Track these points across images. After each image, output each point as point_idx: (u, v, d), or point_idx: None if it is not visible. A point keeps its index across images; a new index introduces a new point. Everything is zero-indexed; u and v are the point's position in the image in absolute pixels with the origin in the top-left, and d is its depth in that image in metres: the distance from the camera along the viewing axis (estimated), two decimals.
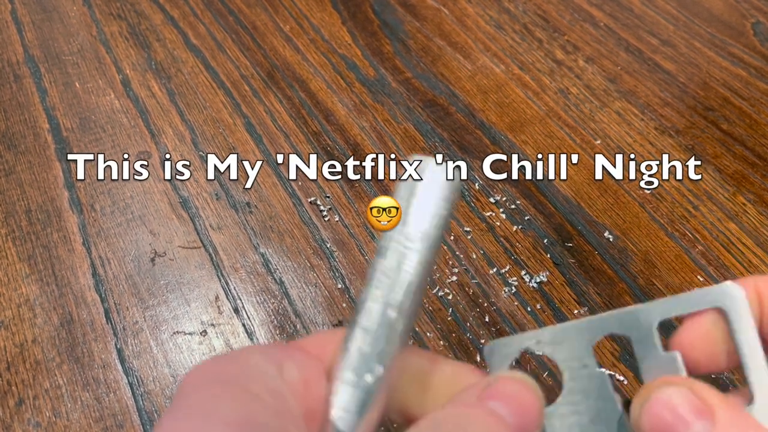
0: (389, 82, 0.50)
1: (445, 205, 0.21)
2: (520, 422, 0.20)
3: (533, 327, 0.35)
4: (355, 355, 0.20)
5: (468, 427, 0.19)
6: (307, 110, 0.48)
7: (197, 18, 0.55)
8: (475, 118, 0.48)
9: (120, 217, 0.40)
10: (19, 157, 0.43)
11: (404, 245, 0.21)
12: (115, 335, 0.35)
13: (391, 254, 0.21)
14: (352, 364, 0.20)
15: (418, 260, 0.21)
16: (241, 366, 0.19)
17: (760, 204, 0.42)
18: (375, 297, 0.21)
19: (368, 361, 0.20)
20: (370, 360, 0.20)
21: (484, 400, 0.20)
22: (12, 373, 0.33)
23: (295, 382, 0.19)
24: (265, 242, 0.39)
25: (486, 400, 0.20)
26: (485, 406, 0.20)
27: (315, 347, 0.21)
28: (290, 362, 0.20)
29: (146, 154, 0.44)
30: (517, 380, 0.21)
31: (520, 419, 0.20)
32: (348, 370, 0.20)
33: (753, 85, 0.50)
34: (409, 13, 0.57)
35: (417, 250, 0.21)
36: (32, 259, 0.38)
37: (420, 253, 0.21)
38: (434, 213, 0.21)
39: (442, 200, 0.21)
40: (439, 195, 0.21)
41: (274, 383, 0.18)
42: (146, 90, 0.49)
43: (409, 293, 0.21)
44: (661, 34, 0.55)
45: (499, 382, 0.21)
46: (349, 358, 0.20)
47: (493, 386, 0.21)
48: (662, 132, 0.47)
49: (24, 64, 0.50)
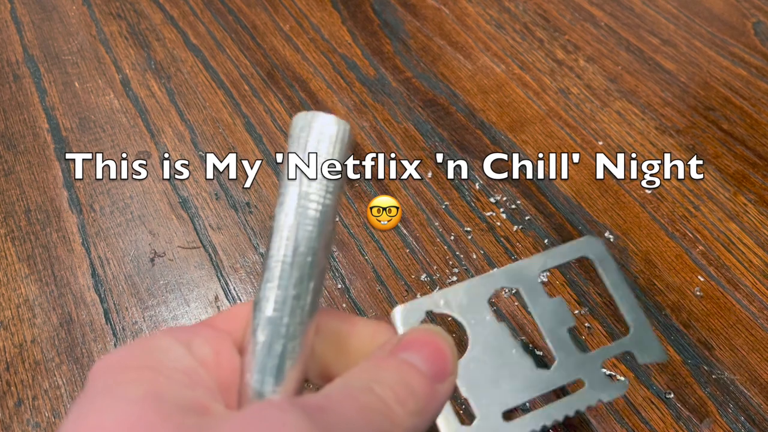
0: (389, 81, 0.50)
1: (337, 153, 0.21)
2: (433, 369, 0.21)
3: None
4: (265, 319, 0.20)
5: (381, 378, 0.19)
6: (307, 110, 0.48)
7: (197, 17, 0.55)
8: (475, 118, 0.47)
9: (119, 217, 0.40)
10: (18, 157, 0.43)
11: (302, 200, 0.21)
12: (115, 335, 0.35)
13: (289, 210, 0.21)
14: (262, 327, 0.20)
15: (317, 214, 0.21)
16: (147, 349, 0.19)
17: (761, 204, 0.42)
18: (278, 257, 0.20)
19: (277, 324, 0.20)
20: (278, 322, 0.20)
21: (396, 353, 0.21)
22: (11, 373, 0.33)
23: (206, 356, 0.19)
24: (265, 242, 0.39)
25: (398, 352, 0.21)
26: (397, 357, 0.21)
27: (225, 323, 0.22)
28: (199, 339, 0.20)
29: (146, 154, 0.44)
30: (427, 331, 0.22)
31: (432, 366, 0.21)
32: (259, 334, 0.20)
33: (754, 85, 0.50)
34: (409, 13, 0.56)
35: (315, 203, 0.21)
36: (31, 260, 0.38)
37: (318, 206, 0.21)
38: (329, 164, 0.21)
39: (333, 148, 0.21)
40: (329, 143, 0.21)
41: (184, 360, 0.19)
42: (146, 90, 0.48)
43: (311, 249, 0.21)
44: (661, 34, 0.54)
45: (409, 335, 0.22)
46: (259, 323, 0.20)
47: (404, 339, 0.21)
48: (663, 132, 0.47)
49: (23, 63, 0.50)
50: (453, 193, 0.42)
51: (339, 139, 0.21)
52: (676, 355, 0.35)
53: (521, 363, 0.24)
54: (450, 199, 0.42)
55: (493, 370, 0.23)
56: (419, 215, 0.41)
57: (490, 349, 0.24)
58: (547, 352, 0.25)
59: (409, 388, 0.20)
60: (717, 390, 0.33)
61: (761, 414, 0.32)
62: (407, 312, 0.24)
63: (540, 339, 0.25)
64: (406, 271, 0.38)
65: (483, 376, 0.23)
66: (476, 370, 0.23)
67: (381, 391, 0.19)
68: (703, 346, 0.35)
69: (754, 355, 0.35)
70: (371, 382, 0.19)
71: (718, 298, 0.37)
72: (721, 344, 0.35)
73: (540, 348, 0.34)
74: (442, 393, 0.21)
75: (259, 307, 0.20)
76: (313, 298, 0.21)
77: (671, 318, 0.36)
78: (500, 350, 0.24)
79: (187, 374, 0.18)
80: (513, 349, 0.24)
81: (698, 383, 0.34)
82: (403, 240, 0.40)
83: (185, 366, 0.19)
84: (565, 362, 0.24)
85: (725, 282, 0.38)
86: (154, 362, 0.18)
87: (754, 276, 0.38)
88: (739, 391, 0.33)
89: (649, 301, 0.37)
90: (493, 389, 0.23)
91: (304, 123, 0.21)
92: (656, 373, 0.34)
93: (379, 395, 0.19)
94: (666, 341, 0.35)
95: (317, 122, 0.21)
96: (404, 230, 0.40)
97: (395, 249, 0.39)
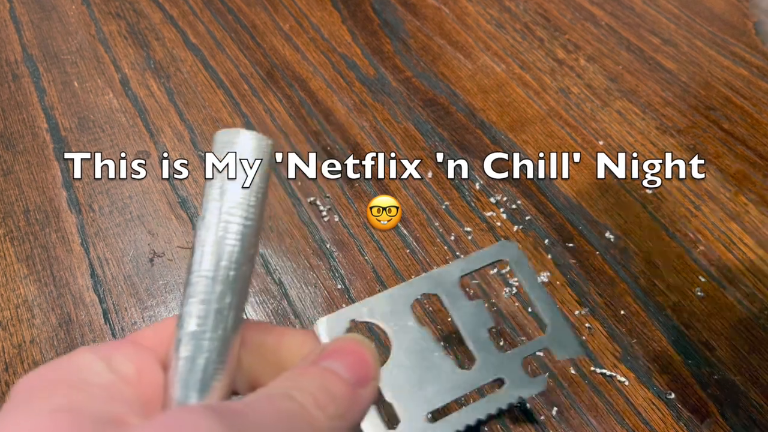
0: (389, 81, 0.50)
1: (258, 169, 0.22)
2: (355, 375, 0.21)
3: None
4: (187, 334, 0.20)
5: (301, 385, 0.20)
6: (306, 109, 0.48)
7: (196, 17, 0.55)
8: (475, 118, 0.47)
9: (119, 217, 0.40)
10: (17, 157, 0.43)
11: (224, 215, 0.21)
12: (114, 336, 0.34)
13: (211, 225, 0.21)
14: (185, 342, 0.20)
15: (240, 228, 0.21)
16: (67, 366, 0.19)
17: (762, 204, 0.42)
18: (200, 272, 0.21)
19: (200, 338, 0.20)
20: (201, 336, 0.20)
21: (317, 362, 0.21)
22: (10, 374, 0.33)
23: (127, 372, 0.20)
24: (265, 242, 0.39)
25: (320, 361, 0.21)
26: (318, 366, 0.21)
27: (148, 338, 0.22)
28: (120, 355, 0.20)
29: (145, 154, 0.44)
30: (348, 339, 0.23)
31: (354, 373, 0.21)
32: (182, 349, 0.20)
33: (755, 85, 0.50)
34: (409, 12, 0.56)
35: (237, 217, 0.21)
36: (30, 260, 0.38)
37: (240, 221, 0.21)
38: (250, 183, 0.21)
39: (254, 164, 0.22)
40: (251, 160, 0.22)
41: (103, 376, 0.19)
42: (145, 89, 0.48)
43: (234, 264, 0.21)
44: (662, 34, 0.54)
45: (331, 344, 0.22)
46: (182, 338, 0.20)
47: (326, 349, 0.22)
48: (663, 131, 0.46)
49: (22, 63, 0.50)
50: (453, 193, 0.42)
51: (260, 155, 0.22)
52: (677, 355, 0.35)
53: (443, 365, 0.25)
54: (450, 199, 0.42)
55: (417, 374, 0.24)
56: (419, 215, 0.41)
57: (413, 353, 0.25)
58: (469, 354, 0.26)
59: (329, 394, 0.20)
60: (718, 391, 0.33)
61: (762, 415, 0.32)
62: (331, 323, 0.24)
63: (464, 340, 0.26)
64: (406, 272, 0.38)
65: (407, 380, 0.24)
66: (400, 375, 0.24)
67: (300, 397, 0.19)
68: (704, 347, 0.35)
69: (755, 356, 0.34)
70: (291, 389, 0.20)
71: (719, 299, 0.37)
72: (722, 345, 0.35)
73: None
74: (364, 398, 0.22)
75: (181, 322, 0.21)
76: (236, 312, 0.21)
77: (672, 318, 0.36)
78: (423, 354, 0.25)
79: (105, 389, 0.19)
80: (435, 352, 0.25)
81: (699, 384, 0.33)
82: (403, 240, 0.39)
83: (104, 381, 0.19)
84: (486, 362, 0.25)
85: (726, 282, 0.38)
86: (73, 378, 0.19)
87: (755, 276, 0.38)
88: (740, 391, 0.33)
89: (650, 302, 0.37)
90: (417, 392, 0.24)
91: (227, 139, 0.22)
92: (657, 373, 0.34)
93: (299, 401, 0.19)
94: (667, 342, 0.35)
95: (239, 139, 0.22)
96: (404, 230, 0.40)
97: (395, 249, 0.39)
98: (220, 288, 0.21)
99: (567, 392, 0.33)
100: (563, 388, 0.33)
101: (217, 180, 0.21)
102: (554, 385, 0.33)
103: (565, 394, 0.33)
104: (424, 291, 0.26)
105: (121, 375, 0.20)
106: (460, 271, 0.27)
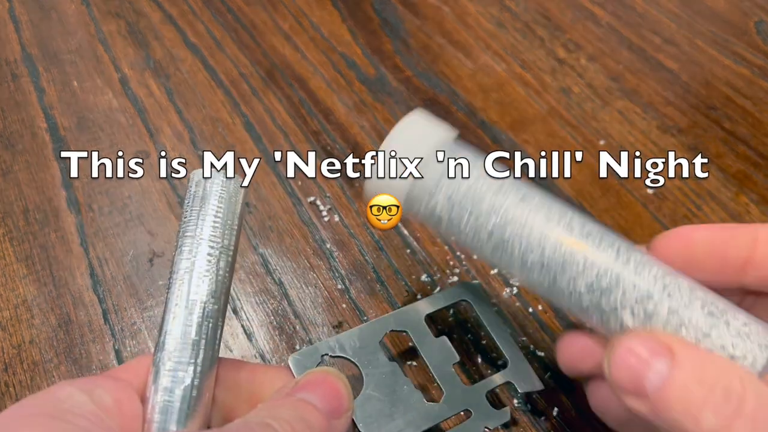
0: (389, 80, 0.50)
1: (231, 209, 0.23)
2: (328, 406, 0.22)
3: (534, 328, 0.35)
4: (165, 366, 0.22)
5: (278, 414, 0.20)
6: (306, 109, 0.47)
7: (196, 16, 0.55)
8: (476, 117, 0.47)
9: (118, 217, 0.40)
10: (16, 157, 0.43)
11: (198, 251, 0.22)
12: (113, 336, 0.34)
13: (187, 262, 0.22)
14: (163, 374, 0.21)
15: (211, 267, 0.22)
16: (48, 399, 0.20)
17: (763, 204, 0.42)
18: (177, 304, 0.22)
19: (177, 370, 0.21)
20: (178, 368, 0.21)
21: (292, 394, 0.22)
22: (9, 374, 0.33)
23: (107, 404, 0.20)
24: (264, 242, 0.39)
25: (295, 393, 0.22)
26: (294, 397, 0.22)
27: (126, 373, 0.23)
28: (100, 389, 0.21)
29: (144, 153, 0.44)
30: (321, 372, 0.24)
31: (328, 404, 0.22)
32: (160, 380, 0.21)
33: (756, 84, 0.50)
34: (409, 11, 0.56)
35: (209, 256, 0.22)
36: (30, 260, 0.37)
37: (212, 259, 0.22)
38: (223, 219, 0.23)
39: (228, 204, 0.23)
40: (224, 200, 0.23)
41: (85, 407, 0.20)
42: (144, 89, 0.48)
43: (209, 299, 0.22)
44: (663, 33, 0.54)
45: (305, 377, 0.23)
46: (159, 370, 0.22)
47: (300, 381, 0.23)
48: (664, 131, 0.46)
49: (21, 62, 0.50)
50: None
51: (233, 195, 0.23)
52: None
53: (412, 398, 0.26)
54: None
55: (387, 406, 0.26)
56: None
57: (383, 386, 0.26)
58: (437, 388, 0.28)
59: (305, 423, 0.21)
60: None
61: None
62: (303, 358, 0.26)
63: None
64: (406, 272, 0.38)
65: (378, 411, 0.25)
66: (371, 407, 0.25)
67: (278, 426, 0.20)
68: None
69: None
70: (268, 418, 0.20)
71: None
72: None
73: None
74: (338, 428, 0.22)
75: (159, 355, 0.22)
76: (213, 344, 0.22)
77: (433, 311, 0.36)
78: (392, 387, 0.26)
79: (87, 419, 0.19)
80: (405, 385, 0.26)
81: None
82: (404, 240, 0.39)
83: (86, 411, 0.20)
84: (452, 395, 0.27)
85: None
86: (54, 410, 0.19)
87: None
88: None
89: None
90: (388, 423, 0.25)
91: (199, 179, 0.23)
92: None
93: (276, 428, 0.20)
94: None
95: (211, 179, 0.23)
96: (404, 230, 0.40)
97: (395, 249, 0.39)
98: (197, 320, 0.22)
99: (568, 393, 0.33)
100: (564, 390, 0.33)
101: (193, 216, 0.23)
102: (556, 386, 0.33)
103: (566, 395, 0.33)
104: (393, 328, 0.28)
105: (102, 406, 0.20)
106: (425, 311, 0.29)
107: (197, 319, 0.22)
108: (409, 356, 0.33)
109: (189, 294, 0.22)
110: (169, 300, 0.22)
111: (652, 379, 0.20)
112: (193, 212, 0.23)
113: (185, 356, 0.21)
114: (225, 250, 0.23)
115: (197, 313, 0.22)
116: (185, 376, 0.21)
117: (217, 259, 0.22)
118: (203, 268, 0.22)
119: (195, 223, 0.23)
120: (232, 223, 0.23)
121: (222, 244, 0.23)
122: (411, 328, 0.28)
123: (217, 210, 0.23)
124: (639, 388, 0.20)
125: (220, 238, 0.23)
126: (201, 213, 0.23)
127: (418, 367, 0.33)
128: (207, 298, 0.22)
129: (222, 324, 0.23)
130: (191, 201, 0.23)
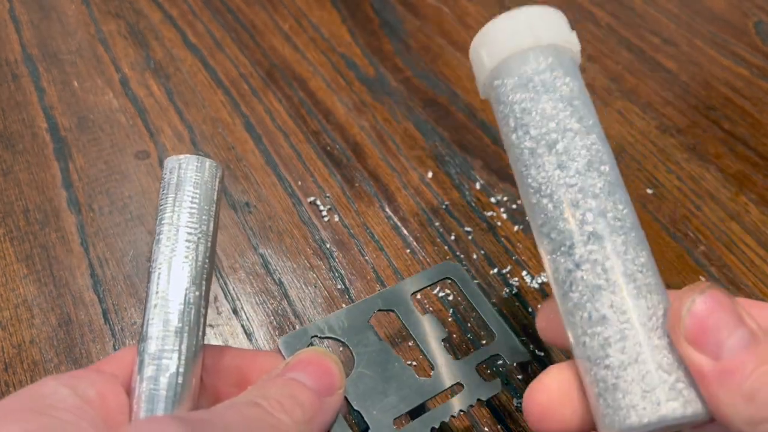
0: (389, 81, 0.50)
1: (207, 194, 0.23)
2: (319, 384, 0.22)
3: (535, 328, 0.35)
4: (149, 355, 0.22)
5: (267, 393, 0.21)
6: (306, 109, 0.47)
7: (196, 16, 0.55)
8: (476, 117, 0.47)
9: (118, 217, 0.40)
10: (17, 157, 0.43)
11: (177, 238, 0.22)
12: (113, 336, 0.34)
13: (166, 250, 0.22)
14: (147, 363, 0.21)
15: (191, 253, 0.22)
16: (31, 395, 0.20)
17: (763, 204, 0.42)
18: (158, 293, 0.22)
19: (161, 358, 0.21)
20: (161, 356, 0.21)
21: (283, 374, 0.22)
22: (9, 374, 0.33)
23: (91, 397, 0.21)
24: (264, 242, 0.39)
25: (285, 373, 0.22)
26: (284, 376, 0.22)
27: (111, 366, 0.23)
28: (83, 382, 0.21)
29: (144, 154, 0.44)
30: (311, 351, 0.24)
31: (319, 381, 0.22)
32: (145, 369, 0.22)
33: (755, 85, 0.50)
34: (409, 12, 0.56)
35: (189, 242, 0.22)
36: (30, 260, 0.37)
37: (192, 245, 0.22)
38: (200, 205, 0.23)
39: (204, 189, 0.23)
40: (200, 186, 0.23)
41: (68, 400, 0.20)
42: (145, 89, 0.48)
43: (189, 287, 0.22)
44: (662, 33, 0.54)
45: (295, 357, 0.23)
46: (144, 359, 0.22)
47: (290, 361, 0.23)
48: (664, 131, 0.46)
49: (22, 62, 0.50)
50: (453, 192, 0.42)
51: (209, 180, 0.23)
52: None
53: (404, 375, 0.26)
54: (450, 199, 0.42)
55: (380, 383, 0.26)
56: (419, 215, 0.41)
57: (375, 365, 0.26)
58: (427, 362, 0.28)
59: (295, 400, 0.21)
60: None
61: None
62: (292, 340, 0.26)
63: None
64: (406, 272, 0.38)
65: (371, 389, 0.26)
66: (364, 384, 0.26)
67: (266, 403, 0.20)
68: None
69: None
70: (257, 398, 0.20)
71: None
72: None
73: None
74: (330, 405, 0.22)
75: (143, 345, 0.22)
76: (197, 331, 0.22)
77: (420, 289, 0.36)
78: (384, 365, 0.26)
79: (71, 411, 0.19)
80: (396, 363, 0.27)
81: None
82: (404, 240, 0.39)
83: (70, 405, 0.20)
84: (443, 370, 0.27)
85: (727, 282, 0.38)
86: (37, 405, 0.19)
87: (756, 276, 0.38)
88: None
89: None
90: (382, 400, 0.25)
91: (173, 165, 0.23)
92: None
93: (265, 407, 0.20)
94: None
95: (185, 164, 0.23)
96: (404, 230, 0.40)
97: (395, 249, 0.39)
98: (179, 308, 0.22)
99: None
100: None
101: (169, 203, 0.23)
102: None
103: None
104: (380, 307, 0.28)
105: (86, 399, 0.20)
106: (410, 289, 0.29)
107: (179, 307, 0.22)
108: (399, 336, 0.34)
109: (169, 282, 0.22)
110: (150, 289, 0.22)
111: (731, 344, 0.18)
112: (169, 199, 0.23)
113: (168, 344, 0.21)
114: (204, 235, 0.23)
115: (179, 301, 0.22)
116: (170, 363, 0.21)
117: (195, 245, 0.22)
118: (182, 255, 0.22)
119: (172, 209, 0.23)
120: (209, 209, 0.23)
121: (200, 229, 0.22)
122: (397, 306, 0.29)
123: (193, 196, 0.23)
124: (715, 346, 0.19)
125: (197, 224, 0.23)
126: (176, 200, 0.23)
127: (407, 345, 0.33)
128: (188, 285, 0.22)
129: (205, 310, 0.23)
130: (166, 188, 0.23)
